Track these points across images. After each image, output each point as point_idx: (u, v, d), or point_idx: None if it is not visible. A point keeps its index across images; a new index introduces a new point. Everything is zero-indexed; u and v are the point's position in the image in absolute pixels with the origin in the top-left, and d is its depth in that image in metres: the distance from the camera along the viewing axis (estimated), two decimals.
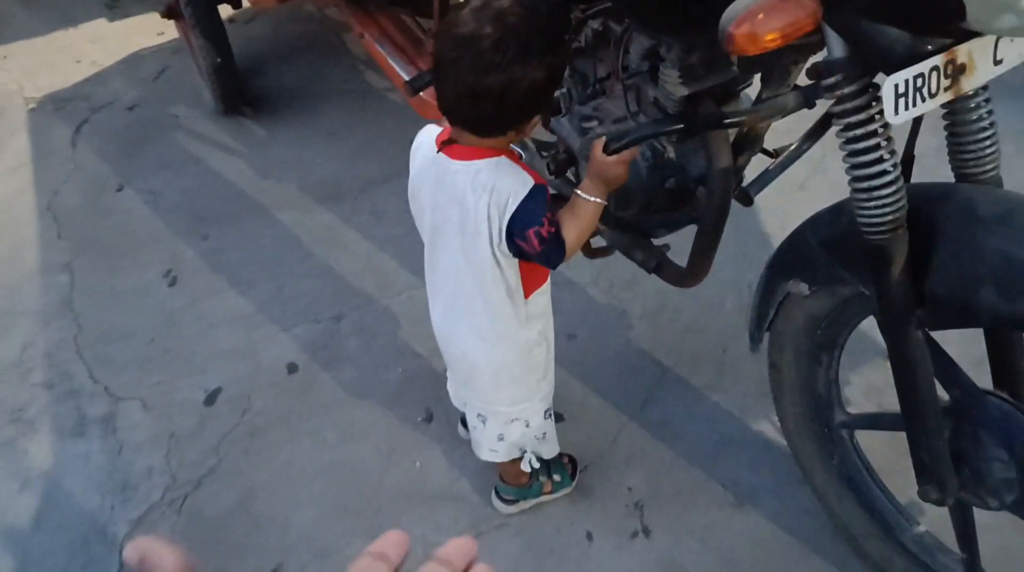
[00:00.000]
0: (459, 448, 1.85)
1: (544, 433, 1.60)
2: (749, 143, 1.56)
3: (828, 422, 1.51)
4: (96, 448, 1.95)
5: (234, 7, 2.82)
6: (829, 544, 1.61)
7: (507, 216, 1.25)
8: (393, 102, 2.87)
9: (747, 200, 1.57)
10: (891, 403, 1.75)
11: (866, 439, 1.54)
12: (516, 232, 1.26)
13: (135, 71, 3.27)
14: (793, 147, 1.53)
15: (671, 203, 1.68)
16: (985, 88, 1.15)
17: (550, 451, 1.64)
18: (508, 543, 1.69)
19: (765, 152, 1.64)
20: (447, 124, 1.31)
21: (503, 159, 1.28)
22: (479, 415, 1.56)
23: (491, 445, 1.59)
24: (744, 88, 1.54)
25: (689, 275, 1.62)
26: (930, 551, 1.48)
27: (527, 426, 1.56)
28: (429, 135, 1.38)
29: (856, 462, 1.53)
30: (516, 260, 1.34)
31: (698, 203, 1.63)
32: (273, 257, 2.36)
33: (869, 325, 1.43)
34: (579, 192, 1.33)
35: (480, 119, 1.24)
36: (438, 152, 1.31)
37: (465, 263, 1.34)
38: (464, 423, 1.81)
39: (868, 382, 1.84)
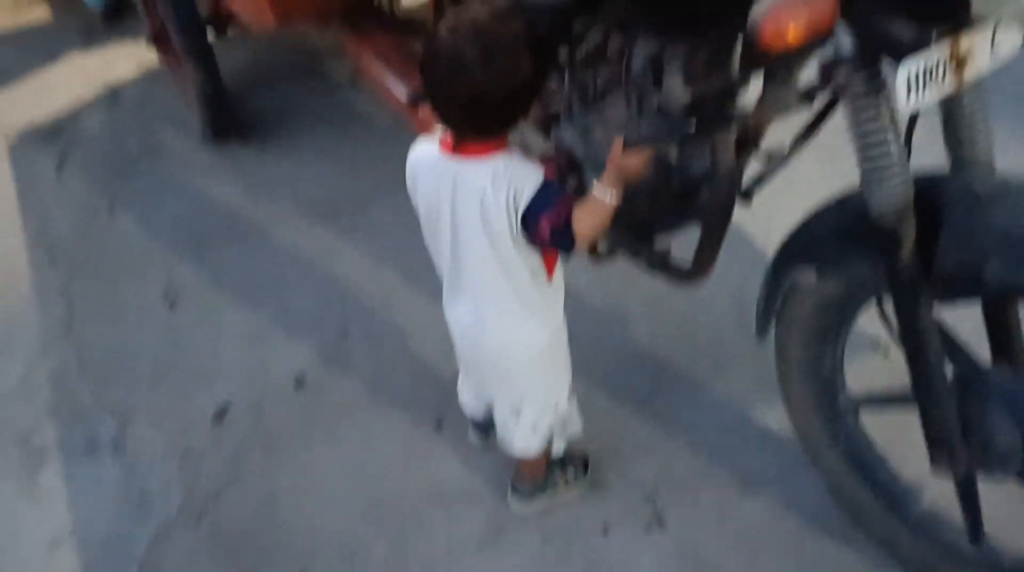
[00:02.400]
0: (473, 452, 1.89)
1: (569, 413, 1.67)
2: (750, 142, 1.65)
3: (834, 404, 1.59)
4: (108, 468, 1.95)
5: (220, 33, 2.86)
6: (836, 523, 1.68)
7: (523, 205, 1.32)
8: (381, 122, 2.92)
9: (747, 198, 1.65)
10: (881, 389, 1.85)
11: (867, 422, 1.61)
12: (529, 218, 1.33)
13: (117, 100, 3.27)
14: (788, 146, 1.62)
15: (674, 204, 1.76)
16: (980, 82, 1.25)
17: (573, 429, 1.70)
18: (528, 538, 1.74)
19: (759, 154, 1.73)
20: (441, 134, 1.38)
21: (515, 152, 1.37)
22: (512, 409, 1.60)
23: (524, 436, 1.62)
24: (742, 91, 1.63)
25: (693, 273, 1.69)
26: (936, 526, 1.55)
27: (557, 409, 1.63)
28: (426, 147, 1.43)
29: (861, 442, 1.61)
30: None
31: (701, 203, 1.71)
32: (273, 274, 2.39)
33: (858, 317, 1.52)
34: (596, 190, 1.39)
35: (484, 122, 1.32)
36: (449, 157, 1.37)
37: (493, 256, 1.40)
38: (479, 427, 1.85)
39: (858, 372, 1.92)
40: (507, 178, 1.33)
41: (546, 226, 1.32)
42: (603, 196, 1.38)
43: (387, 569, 1.72)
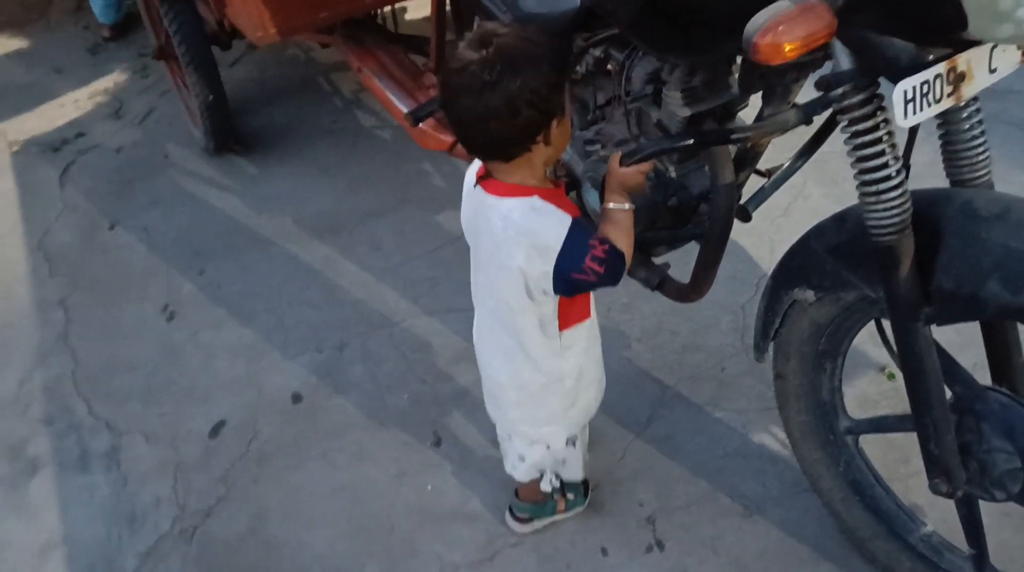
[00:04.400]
0: (470, 469, 1.87)
1: (564, 459, 1.62)
2: (749, 160, 1.64)
3: (833, 428, 1.56)
4: (101, 481, 1.94)
5: (223, 48, 2.87)
6: (836, 548, 1.65)
7: (552, 259, 1.27)
8: (383, 139, 2.93)
9: (746, 216, 1.64)
10: (885, 412, 1.83)
11: (868, 447, 1.59)
12: (570, 270, 1.28)
13: (121, 113, 3.29)
14: (787, 165, 1.60)
15: (673, 220, 1.74)
16: (975, 99, 1.24)
17: (571, 475, 1.67)
18: (523, 559, 1.71)
19: (758, 172, 1.72)
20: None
21: (536, 200, 1.28)
22: (504, 432, 1.60)
23: (512, 462, 1.62)
24: (741, 109, 1.62)
25: (692, 290, 1.67)
26: (937, 550, 1.52)
27: (547, 449, 1.59)
28: (472, 169, 1.41)
29: (861, 466, 1.58)
30: (552, 297, 1.35)
31: (700, 220, 1.70)
32: (272, 289, 2.38)
33: (860, 338, 1.50)
34: (610, 205, 1.37)
35: (493, 143, 1.26)
36: (476, 185, 1.34)
37: (498, 294, 1.38)
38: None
39: (862, 393, 1.91)
40: (526, 227, 1.27)
41: (593, 265, 1.27)
42: (619, 209, 1.36)
43: None
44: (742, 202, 1.61)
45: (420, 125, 2.15)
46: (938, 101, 1.10)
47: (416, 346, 2.15)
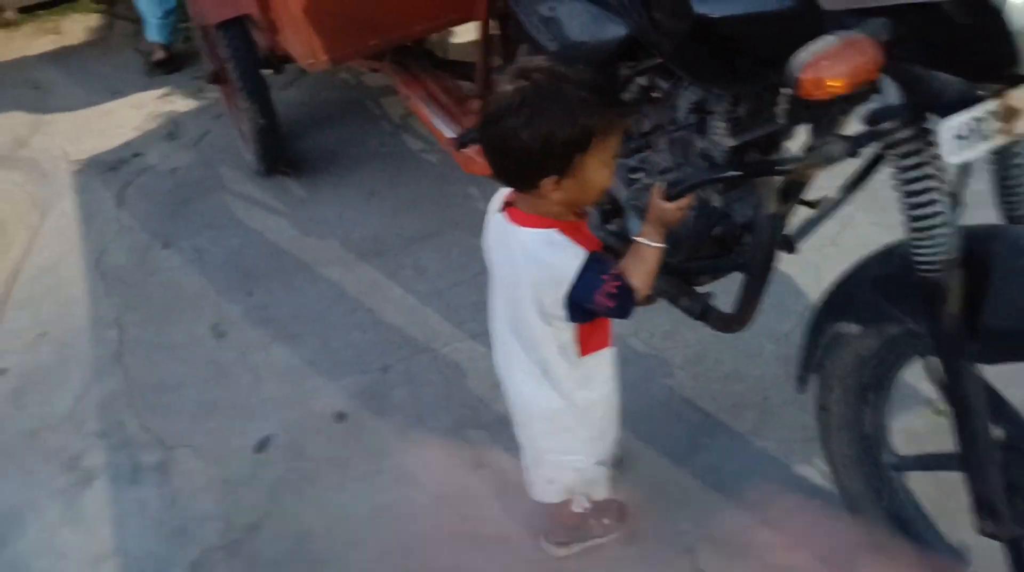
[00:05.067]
0: (510, 494, 1.87)
1: (593, 478, 1.63)
2: (794, 191, 1.62)
3: (877, 463, 1.55)
4: (152, 495, 1.98)
5: (275, 73, 2.94)
6: None
7: (564, 291, 1.31)
8: (430, 163, 2.97)
9: (791, 248, 1.64)
10: (933, 448, 1.80)
11: (913, 482, 1.57)
12: (582, 302, 1.32)
13: (177, 135, 3.38)
14: (834, 196, 1.60)
15: (717, 250, 1.75)
16: None
17: (600, 493, 1.68)
18: None
19: (804, 203, 1.71)
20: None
21: (554, 233, 1.31)
22: (533, 455, 1.61)
23: (542, 485, 1.63)
24: (787, 140, 1.62)
25: (736, 320, 1.67)
26: None
27: (578, 470, 1.60)
28: (499, 194, 1.44)
29: (906, 503, 1.56)
30: (568, 325, 1.39)
31: (744, 250, 1.70)
32: (319, 311, 2.43)
33: (909, 372, 1.49)
34: (641, 239, 1.39)
35: (507, 174, 1.32)
36: (501, 211, 1.38)
37: (517, 320, 1.41)
38: None
39: (910, 428, 1.87)
40: (541, 258, 1.31)
41: (603, 299, 1.31)
42: (648, 245, 1.38)
43: None
44: (787, 233, 1.61)
45: (465, 150, 2.19)
46: (989, 138, 1.10)
47: (459, 370, 2.17)
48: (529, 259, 1.32)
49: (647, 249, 1.38)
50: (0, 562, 1.89)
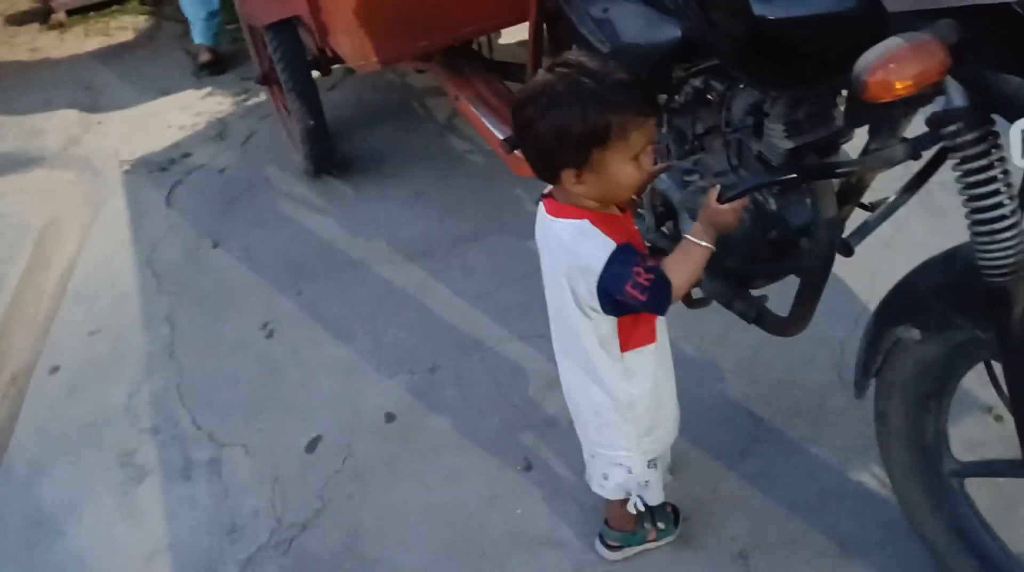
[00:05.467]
0: (560, 495, 1.88)
1: (647, 481, 1.62)
2: (852, 194, 1.61)
3: (937, 471, 1.52)
4: (203, 491, 2.01)
5: (323, 74, 2.97)
6: None
7: (594, 281, 1.32)
8: (477, 164, 2.98)
9: (848, 251, 1.61)
10: (993, 456, 1.77)
11: (975, 491, 1.54)
12: (613, 293, 1.32)
13: (225, 135, 3.43)
14: (891, 199, 1.57)
15: (772, 253, 1.73)
16: None
17: (653, 498, 1.66)
18: None
19: (862, 206, 1.69)
20: None
21: (585, 223, 1.33)
22: (588, 451, 1.62)
23: (599, 480, 1.63)
24: (845, 142, 1.60)
25: (791, 324, 1.65)
26: None
27: (629, 472, 1.59)
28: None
29: (966, 511, 1.53)
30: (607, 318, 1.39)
31: (799, 253, 1.68)
32: (368, 310, 2.44)
33: (966, 377, 1.46)
34: (690, 237, 1.38)
35: (530, 162, 1.34)
36: (538, 202, 1.42)
37: (563, 311, 1.43)
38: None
39: (969, 436, 1.84)
40: (571, 247, 1.34)
41: (634, 292, 1.30)
42: (696, 245, 1.37)
43: None
44: (844, 236, 1.59)
45: (515, 152, 2.19)
46: None
47: (508, 371, 2.18)
48: (563, 249, 1.35)
49: (694, 247, 1.37)
50: (56, 552, 1.93)
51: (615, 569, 1.73)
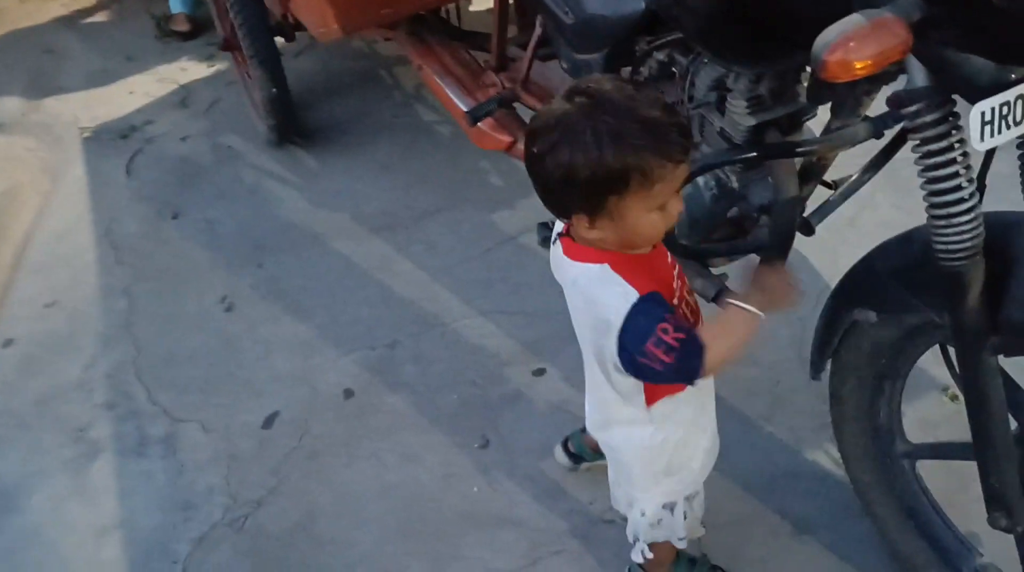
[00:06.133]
0: (517, 474, 1.87)
1: (660, 520, 1.46)
2: (814, 173, 1.59)
3: (889, 452, 1.52)
4: (157, 468, 1.98)
5: (288, 40, 2.90)
6: None
7: (613, 336, 1.14)
8: (444, 135, 2.93)
9: (809, 230, 1.60)
10: (946, 437, 1.77)
11: (927, 471, 1.54)
12: (633, 352, 1.14)
13: (188, 103, 3.35)
14: (854, 178, 1.56)
15: (733, 231, 1.71)
16: None
17: (667, 536, 1.49)
18: (565, 567, 1.70)
19: (824, 184, 1.67)
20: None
21: (606, 268, 1.16)
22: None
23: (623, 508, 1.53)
24: (809, 119, 1.58)
25: None
26: None
27: (642, 515, 1.46)
28: (559, 226, 1.31)
29: (917, 492, 1.53)
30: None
31: (760, 232, 1.66)
32: (328, 285, 2.41)
33: (925, 357, 1.45)
34: (738, 302, 1.19)
35: (541, 198, 1.18)
36: (555, 241, 1.26)
37: (586, 351, 1.31)
38: (564, 448, 1.82)
39: (923, 416, 1.85)
40: (589, 295, 1.18)
41: (657, 351, 1.11)
42: (743, 307, 1.18)
43: None
44: (806, 215, 1.57)
45: (478, 124, 2.15)
46: (1018, 123, 1.06)
47: (468, 348, 2.15)
48: (582, 297, 1.20)
49: (740, 316, 1.18)
50: (8, 528, 1.90)
51: (568, 548, 1.72)
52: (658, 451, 1.35)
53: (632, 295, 1.13)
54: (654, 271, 1.21)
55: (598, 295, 1.16)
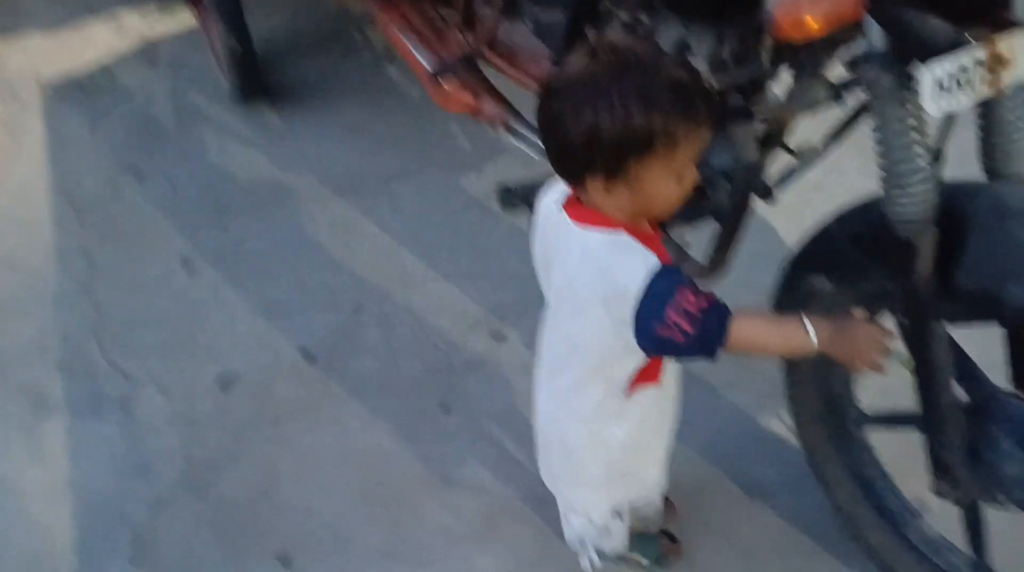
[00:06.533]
0: (478, 439, 1.87)
1: (607, 527, 1.46)
2: (773, 138, 1.57)
3: (842, 420, 1.52)
4: (114, 431, 1.96)
5: None
6: (840, 540, 1.62)
7: (631, 304, 1.08)
8: (412, 98, 2.88)
9: (768, 195, 1.58)
10: (904, 404, 1.78)
11: (880, 440, 1.55)
12: (651, 320, 1.08)
13: (153, 59, 3.26)
14: (817, 145, 1.54)
15: (693, 196, 1.69)
16: (1022, 88, 1.16)
17: (613, 547, 1.52)
18: (524, 532, 1.71)
19: (787, 150, 1.65)
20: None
21: (622, 235, 1.12)
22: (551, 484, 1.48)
23: (564, 524, 1.52)
24: (771, 84, 1.55)
25: (709, 270, 1.63)
26: (938, 549, 1.48)
27: (589, 521, 1.45)
28: (558, 190, 1.24)
29: (868, 459, 1.54)
30: (637, 354, 1.17)
31: (719, 197, 1.65)
32: (292, 248, 2.37)
33: (887, 324, 1.45)
34: (804, 319, 1.13)
35: (551, 158, 1.14)
36: (559, 209, 1.19)
37: (559, 333, 1.26)
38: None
39: (882, 382, 1.84)
40: (602, 262, 1.11)
41: (678, 321, 1.06)
42: (805, 328, 1.12)
43: (379, 558, 1.70)
44: (766, 181, 1.56)
45: (443, 86, 2.11)
46: (974, 89, 1.04)
47: (432, 312, 2.14)
48: (594, 266, 1.12)
49: (795, 325, 1.13)
50: None
51: (527, 515, 1.72)
52: (621, 452, 1.33)
53: (652, 259, 1.09)
54: (660, 253, 1.15)
55: (616, 261, 1.10)
